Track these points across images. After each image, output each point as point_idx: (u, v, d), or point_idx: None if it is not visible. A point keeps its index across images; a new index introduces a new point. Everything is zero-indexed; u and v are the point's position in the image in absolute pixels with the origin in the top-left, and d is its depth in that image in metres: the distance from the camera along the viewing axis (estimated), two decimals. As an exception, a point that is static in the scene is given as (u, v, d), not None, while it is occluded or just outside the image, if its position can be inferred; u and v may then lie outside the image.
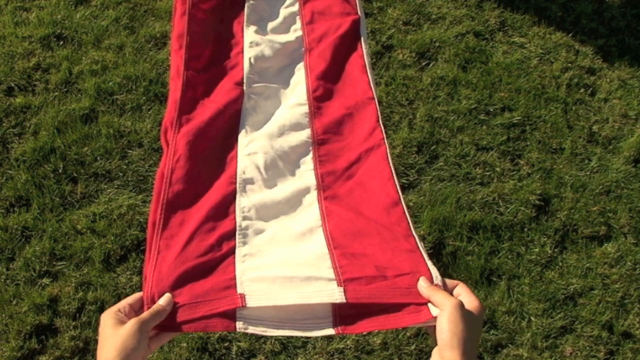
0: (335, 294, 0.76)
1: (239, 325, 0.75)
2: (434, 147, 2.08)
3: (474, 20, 2.42)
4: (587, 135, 2.16)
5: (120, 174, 1.95)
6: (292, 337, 1.71)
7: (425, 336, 1.74)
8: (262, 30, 1.15)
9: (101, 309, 1.72)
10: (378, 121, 1.00)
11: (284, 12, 1.19)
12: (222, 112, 1.00)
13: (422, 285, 0.81)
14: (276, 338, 1.70)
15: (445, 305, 0.76)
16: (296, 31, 1.16)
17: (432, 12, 2.43)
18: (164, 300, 0.78)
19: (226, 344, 1.69)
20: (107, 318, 0.75)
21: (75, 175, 1.94)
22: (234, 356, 1.67)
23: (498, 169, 2.05)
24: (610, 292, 1.85)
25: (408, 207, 1.03)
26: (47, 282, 1.75)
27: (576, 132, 2.17)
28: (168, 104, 1.02)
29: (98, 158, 1.98)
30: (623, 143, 2.15)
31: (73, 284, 1.75)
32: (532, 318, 1.79)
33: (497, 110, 2.19)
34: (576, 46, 2.40)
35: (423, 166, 2.04)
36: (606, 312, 1.81)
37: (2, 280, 1.75)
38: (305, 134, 0.99)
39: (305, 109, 1.02)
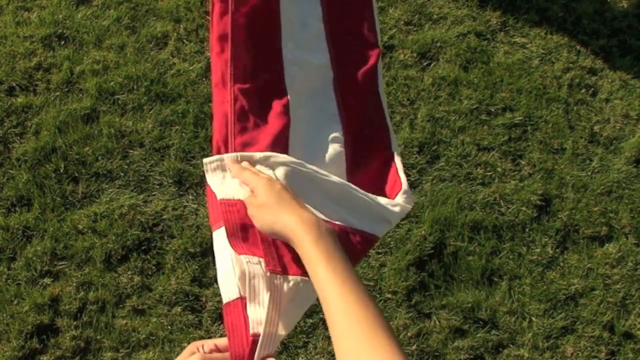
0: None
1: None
2: (435, 147, 2.08)
3: (475, 21, 2.42)
4: (588, 135, 2.16)
5: (122, 174, 1.95)
6: (293, 337, 1.71)
7: (426, 336, 1.74)
8: (296, 44, 1.09)
9: (102, 309, 1.72)
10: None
11: (314, 27, 1.13)
12: (275, 140, 0.98)
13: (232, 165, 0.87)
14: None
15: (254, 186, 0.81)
16: (324, 51, 1.10)
17: (434, 12, 2.42)
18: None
19: (227, 344, 1.69)
20: (187, 346, 0.77)
21: (77, 175, 1.94)
22: (235, 356, 1.68)
23: (499, 169, 2.05)
24: (611, 293, 1.85)
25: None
26: (49, 282, 1.75)
27: (577, 132, 2.17)
28: (215, 116, 0.98)
29: (99, 158, 1.98)
30: (624, 143, 2.15)
31: (74, 284, 1.75)
32: (533, 318, 1.79)
33: (499, 111, 2.19)
34: (577, 46, 2.40)
35: (424, 166, 2.04)
36: (607, 312, 1.81)
37: (4, 280, 1.75)
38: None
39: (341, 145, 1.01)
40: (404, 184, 0.98)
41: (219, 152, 0.95)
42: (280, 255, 0.82)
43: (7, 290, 1.73)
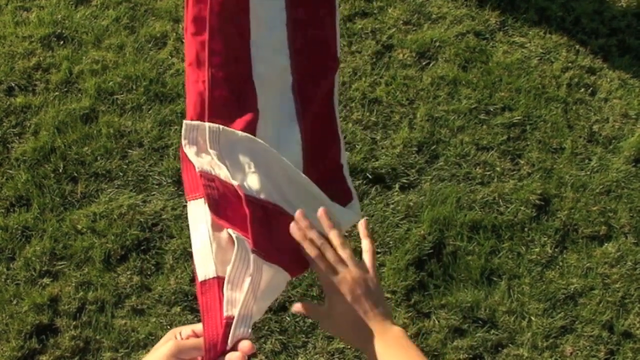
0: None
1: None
2: (434, 146, 2.08)
3: (474, 20, 2.42)
4: (587, 134, 2.16)
5: (121, 174, 1.95)
6: (292, 337, 1.72)
7: (426, 336, 1.74)
8: (263, 43, 1.10)
9: (101, 309, 1.72)
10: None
11: (279, 30, 1.14)
12: (245, 127, 1.00)
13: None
14: (276, 338, 1.70)
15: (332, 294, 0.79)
16: (286, 56, 1.11)
17: (433, 11, 2.42)
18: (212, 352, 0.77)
19: (226, 344, 1.69)
20: (167, 334, 0.77)
21: (76, 175, 1.94)
22: (235, 356, 1.68)
23: (498, 168, 2.05)
24: (610, 292, 1.85)
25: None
26: (48, 282, 1.75)
27: (576, 131, 2.17)
28: (189, 94, 1.01)
29: (98, 158, 1.98)
30: (623, 143, 2.15)
31: (73, 284, 1.75)
32: (533, 318, 1.79)
33: (498, 110, 2.19)
34: (576, 46, 2.40)
35: (423, 166, 2.04)
36: (606, 311, 1.81)
37: (3, 280, 1.75)
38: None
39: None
40: (354, 195, 1.02)
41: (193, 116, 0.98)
42: (270, 238, 0.82)
43: (6, 290, 1.73)
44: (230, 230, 0.81)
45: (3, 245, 1.81)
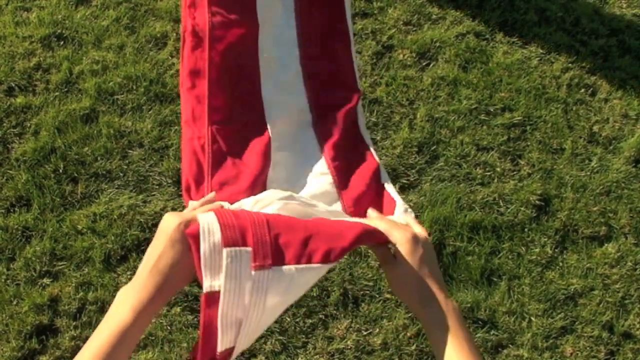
0: None
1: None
2: (434, 147, 2.08)
3: (474, 21, 2.42)
4: (587, 135, 2.16)
5: (121, 174, 1.95)
6: (292, 337, 1.72)
7: (425, 336, 1.74)
8: (275, 86, 1.05)
9: (101, 309, 1.72)
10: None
11: (293, 68, 1.09)
12: (255, 180, 0.95)
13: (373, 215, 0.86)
14: (276, 338, 1.70)
15: (394, 237, 0.80)
16: (302, 94, 1.07)
17: (433, 12, 2.43)
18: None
19: (226, 344, 1.69)
20: (173, 217, 0.73)
21: (76, 175, 1.94)
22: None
23: (498, 169, 2.05)
24: (610, 293, 1.85)
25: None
26: (48, 282, 1.75)
27: (576, 132, 2.17)
28: (184, 153, 0.94)
29: (98, 158, 1.98)
30: (623, 143, 2.15)
31: (73, 284, 1.75)
32: (533, 318, 1.79)
33: (498, 111, 2.19)
34: (577, 46, 2.40)
35: (423, 166, 2.04)
36: (606, 312, 1.81)
37: (3, 280, 1.75)
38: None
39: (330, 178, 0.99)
40: (398, 201, 0.98)
41: (188, 190, 0.90)
42: (276, 241, 0.71)
43: (6, 290, 1.73)
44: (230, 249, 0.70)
45: (3, 245, 1.81)
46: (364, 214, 0.93)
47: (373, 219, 0.87)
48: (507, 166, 2.07)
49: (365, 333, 1.73)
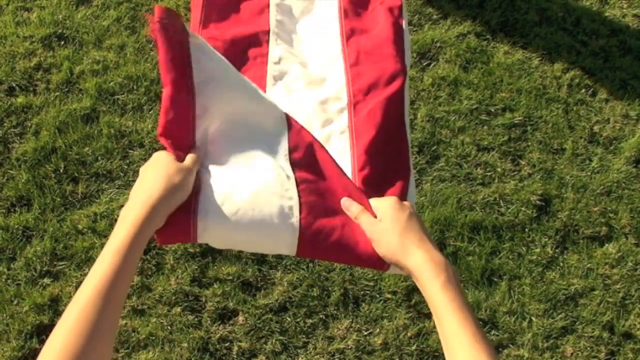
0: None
1: (199, 229, 0.76)
2: (435, 147, 2.08)
3: (475, 21, 2.42)
4: (588, 135, 2.16)
5: (122, 174, 1.95)
6: (293, 337, 1.72)
7: (426, 336, 1.74)
8: (293, 84, 0.99)
9: (102, 309, 1.72)
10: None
11: (320, 58, 1.02)
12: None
13: (346, 204, 0.83)
14: (277, 338, 1.70)
15: (380, 208, 0.80)
16: (337, 80, 0.97)
17: (433, 12, 2.43)
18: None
19: (227, 344, 1.69)
20: (168, 154, 0.78)
21: (77, 175, 1.94)
22: (235, 356, 1.68)
23: (499, 169, 2.05)
24: (611, 293, 1.85)
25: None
26: (48, 282, 1.76)
27: (577, 132, 2.17)
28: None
29: (99, 158, 1.98)
30: (624, 143, 2.15)
31: (74, 284, 1.75)
32: (533, 318, 1.79)
33: (498, 111, 2.19)
34: (577, 46, 2.40)
35: (424, 166, 2.04)
36: (607, 312, 1.81)
37: (3, 280, 1.75)
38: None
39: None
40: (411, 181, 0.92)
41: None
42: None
43: (7, 290, 1.73)
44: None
45: (4, 245, 1.81)
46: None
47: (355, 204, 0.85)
48: (508, 166, 2.07)
49: (365, 333, 1.73)
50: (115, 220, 1.83)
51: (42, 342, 1.67)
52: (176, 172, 0.75)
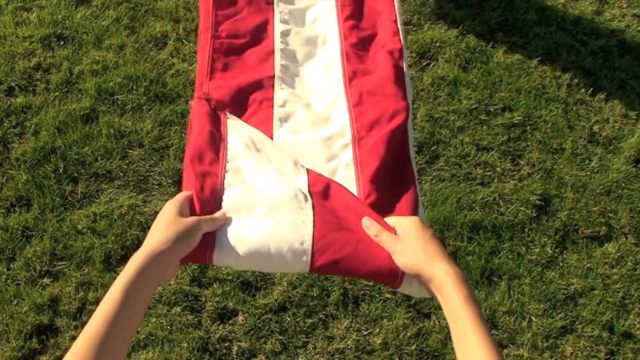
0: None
1: (216, 258, 0.81)
2: (434, 147, 2.08)
3: (474, 20, 2.42)
4: (587, 135, 2.16)
5: (121, 174, 1.95)
6: (292, 337, 1.72)
7: (426, 336, 1.74)
8: (299, 125, 1.03)
9: (102, 309, 1.72)
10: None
11: (324, 99, 1.06)
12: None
13: (367, 223, 0.86)
14: (277, 338, 1.70)
15: (402, 225, 0.83)
16: (340, 118, 1.02)
17: (433, 12, 2.43)
18: (220, 213, 0.85)
19: (227, 344, 1.69)
20: (172, 208, 0.81)
21: (76, 175, 1.94)
22: (235, 356, 1.68)
23: (498, 169, 2.05)
24: (610, 292, 1.85)
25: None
26: (48, 282, 1.75)
27: (577, 132, 2.17)
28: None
29: (99, 158, 1.98)
30: (624, 143, 2.15)
31: (74, 284, 1.75)
32: (533, 318, 1.79)
33: (498, 110, 2.19)
34: (577, 46, 2.40)
35: (423, 166, 2.04)
36: (607, 312, 1.81)
37: (3, 280, 1.75)
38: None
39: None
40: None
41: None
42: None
43: (6, 290, 1.73)
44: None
45: (3, 245, 1.81)
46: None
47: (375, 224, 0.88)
48: (507, 166, 2.07)
49: (365, 333, 1.73)
50: (115, 220, 1.84)
51: (41, 342, 1.67)
52: (179, 224, 0.79)
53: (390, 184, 0.94)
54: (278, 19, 1.15)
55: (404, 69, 1.06)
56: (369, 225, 0.85)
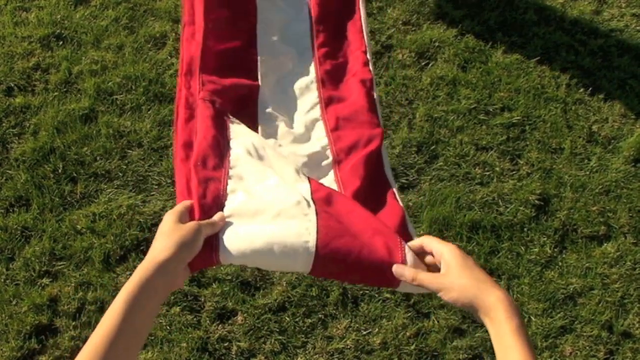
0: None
1: (222, 257, 0.82)
2: (433, 147, 2.08)
3: (473, 20, 2.42)
4: (586, 135, 2.16)
5: (120, 174, 1.95)
6: (292, 337, 1.72)
7: (425, 336, 1.74)
8: (282, 140, 1.08)
9: (101, 309, 1.72)
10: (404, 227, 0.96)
11: (303, 119, 1.12)
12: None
13: (399, 271, 0.84)
14: (276, 338, 1.70)
15: (443, 256, 0.81)
16: (320, 139, 1.08)
17: (432, 11, 2.43)
18: (218, 216, 0.85)
19: (226, 344, 1.69)
20: (171, 217, 0.82)
21: (75, 175, 1.94)
22: (234, 356, 1.68)
23: (497, 168, 2.05)
24: (609, 292, 1.85)
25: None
26: (47, 282, 1.75)
27: (576, 131, 2.17)
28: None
29: (98, 158, 1.98)
30: (622, 143, 2.15)
31: (73, 284, 1.75)
32: (532, 318, 1.79)
33: (497, 110, 2.19)
34: (576, 46, 2.40)
35: (422, 166, 2.04)
36: (606, 311, 1.82)
37: (2, 280, 1.75)
38: None
39: None
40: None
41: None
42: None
43: (5, 290, 1.73)
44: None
45: (2, 245, 1.81)
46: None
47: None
48: (506, 166, 2.07)
49: (364, 333, 1.73)
50: (114, 220, 1.84)
51: (40, 342, 1.67)
52: (180, 230, 0.79)
53: (372, 200, 0.98)
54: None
55: (375, 97, 1.15)
56: (402, 272, 0.83)
